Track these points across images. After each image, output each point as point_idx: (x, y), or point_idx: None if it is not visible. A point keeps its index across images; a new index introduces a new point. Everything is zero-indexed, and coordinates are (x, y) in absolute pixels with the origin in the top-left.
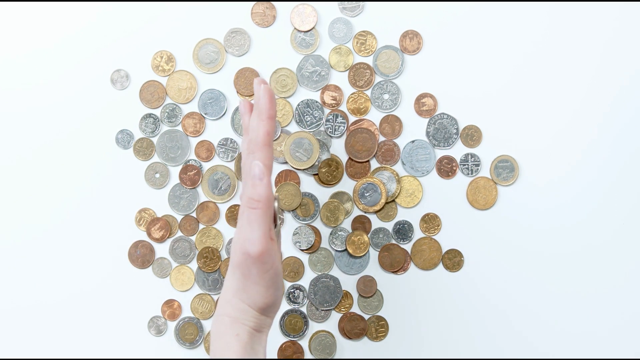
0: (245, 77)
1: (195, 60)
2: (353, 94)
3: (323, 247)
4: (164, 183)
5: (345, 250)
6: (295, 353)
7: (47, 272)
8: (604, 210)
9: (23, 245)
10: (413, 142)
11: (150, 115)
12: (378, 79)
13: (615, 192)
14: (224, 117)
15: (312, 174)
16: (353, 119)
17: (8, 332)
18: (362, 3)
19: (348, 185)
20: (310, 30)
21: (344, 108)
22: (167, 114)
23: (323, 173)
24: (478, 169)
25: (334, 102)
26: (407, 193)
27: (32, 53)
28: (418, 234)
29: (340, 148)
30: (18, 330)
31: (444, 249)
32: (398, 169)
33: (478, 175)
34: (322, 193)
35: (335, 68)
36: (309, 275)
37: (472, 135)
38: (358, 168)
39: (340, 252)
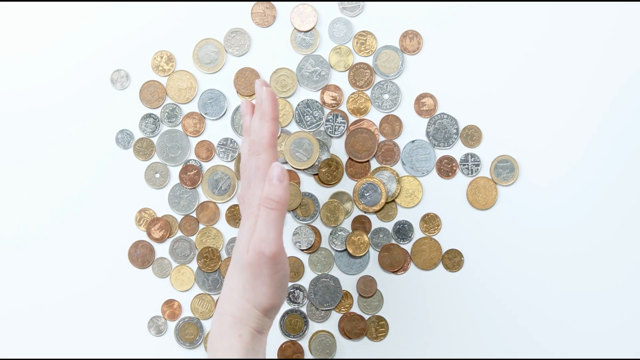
0: (245, 77)
1: (195, 60)
2: (353, 94)
3: (323, 247)
4: (164, 183)
5: (345, 250)
6: (295, 353)
7: (47, 272)
8: (604, 210)
9: (23, 245)
10: (413, 142)
11: (150, 115)
12: (378, 79)
13: (615, 192)
14: (224, 117)
15: (312, 174)
16: (353, 119)
17: (8, 332)
18: (362, 3)
19: (348, 185)
20: (310, 30)
21: (344, 108)
22: (167, 114)
23: (323, 173)
24: (478, 169)
25: (334, 102)
26: (407, 193)
27: (32, 53)
28: (418, 234)
29: (340, 148)
30: (18, 330)
31: (444, 249)
32: (398, 169)
33: (478, 175)
34: (322, 193)
35: (335, 68)
36: (309, 275)
37: (472, 135)
38: (358, 168)
39: (340, 252)
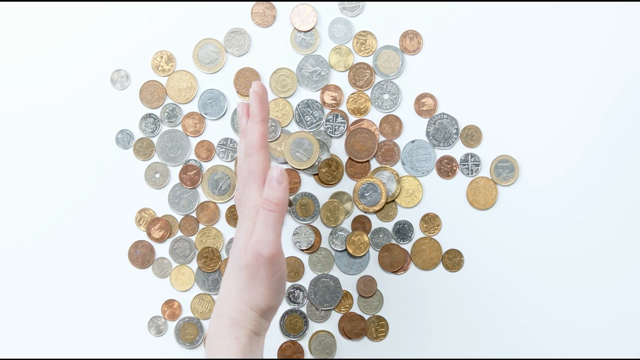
0: (245, 77)
1: (195, 60)
2: (353, 94)
3: (323, 247)
4: (164, 183)
5: (345, 250)
6: (295, 353)
7: (47, 272)
8: (604, 210)
9: (23, 245)
10: (413, 142)
11: (150, 115)
12: (378, 79)
13: (615, 192)
14: (224, 117)
15: (312, 174)
16: (353, 119)
17: (8, 332)
18: (362, 3)
19: (348, 185)
20: (310, 30)
21: (344, 108)
22: (167, 114)
23: (323, 173)
24: (478, 169)
25: (334, 102)
26: (407, 193)
27: (32, 53)
28: (418, 234)
29: (340, 148)
30: (18, 330)
31: (444, 249)
32: (398, 169)
33: (478, 175)
34: (322, 193)
35: (335, 68)
36: (309, 275)
37: (472, 135)
38: (358, 168)
39: (340, 252)
